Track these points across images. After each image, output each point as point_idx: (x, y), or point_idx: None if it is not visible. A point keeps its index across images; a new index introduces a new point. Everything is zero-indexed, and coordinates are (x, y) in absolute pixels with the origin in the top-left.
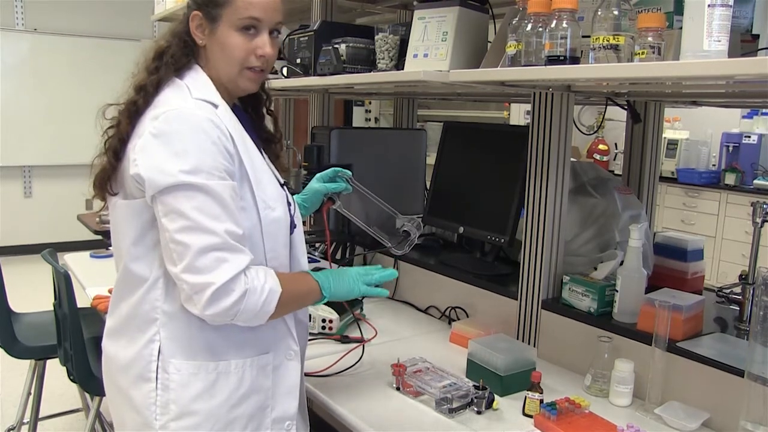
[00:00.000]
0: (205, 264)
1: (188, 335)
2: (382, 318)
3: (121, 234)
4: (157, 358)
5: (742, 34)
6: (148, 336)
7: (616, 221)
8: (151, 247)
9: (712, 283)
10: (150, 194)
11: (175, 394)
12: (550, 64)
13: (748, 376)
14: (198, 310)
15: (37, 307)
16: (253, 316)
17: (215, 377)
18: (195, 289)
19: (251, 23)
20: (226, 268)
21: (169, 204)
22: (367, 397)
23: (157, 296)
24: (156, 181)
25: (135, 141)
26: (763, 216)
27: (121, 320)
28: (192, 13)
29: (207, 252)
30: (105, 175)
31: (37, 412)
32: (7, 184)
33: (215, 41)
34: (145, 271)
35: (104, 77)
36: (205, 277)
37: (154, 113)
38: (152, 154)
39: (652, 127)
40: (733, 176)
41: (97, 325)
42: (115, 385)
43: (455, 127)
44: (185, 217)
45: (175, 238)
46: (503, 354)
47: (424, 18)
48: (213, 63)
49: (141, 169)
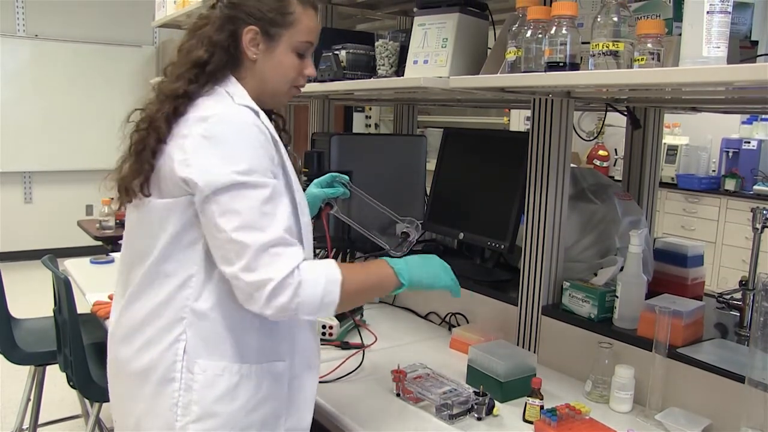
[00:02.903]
0: (263, 261)
1: (215, 335)
2: (383, 324)
3: (151, 234)
4: (182, 358)
5: (741, 41)
6: (174, 335)
7: (616, 227)
8: (186, 246)
9: (712, 288)
10: (204, 194)
11: (198, 395)
12: (549, 70)
13: (749, 382)
14: (258, 307)
15: (37, 313)
16: (315, 308)
17: (237, 380)
18: (255, 287)
19: (307, 47)
20: (284, 264)
21: (225, 203)
22: (368, 403)
23: (187, 295)
24: (211, 182)
25: (177, 142)
26: (763, 222)
27: (137, 322)
28: (246, 28)
29: (265, 249)
30: (137, 177)
31: (37, 418)
32: (7, 190)
33: (270, 58)
34: (177, 270)
35: (105, 83)
36: (263, 274)
37: (201, 115)
38: (205, 155)
39: (651, 132)
40: (732, 182)
41: (98, 331)
42: (130, 388)
43: (455, 133)
44: (242, 216)
45: (232, 237)
46: (503, 360)
47: (424, 24)
48: (260, 77)
49: (194, 169)
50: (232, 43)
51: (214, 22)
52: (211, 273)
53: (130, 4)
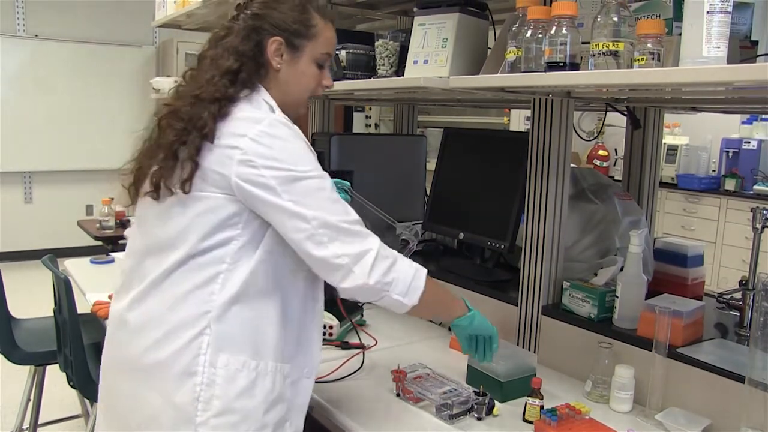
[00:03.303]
0: (356, 236)
1: (239, 330)
2: (383, 324)
3: (179, 227)
4: (205, 352)
5: (741, 41)
6: (198, 329)
7: (616, 227)
8: (220, 243)
9: (712, 288)
10: (274, 190)
11: (220, 390)
12: (549, 70)
13: (749, 382)
14: (362, 279)
15: (37, 313)
16: (405, 287)
17: (255, 376)
18: (356, 258)
19: (326, 58)
20: (373, 238)
21: (299, 194)
22: (368, 403)
23: (213, 289)
24: (281, 176)
25: (230, 141)
26: (763, 221)
27: (156, 313)
28: (271, 38)
29: (353, 225)
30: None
31: (37, 418)
32: (7, 190)
33: (293, 68)
34: (207, 265)
35: (105, 83)
36: (361, 246)
37: (252, 117)
38: (270, 153)
39: (651, 132)
40: (732, 182)
41: (98, 331)
42: (143, 381)
43: (455, 133)
44: (319, 202)
45: (320, 220)
46: (504, 360)
47: (424, 24)
48: (283, 87)
49: (259, 166)
50: (258, 53)
51: (238, 32)
52: (240, 269)
53: (130, 4)
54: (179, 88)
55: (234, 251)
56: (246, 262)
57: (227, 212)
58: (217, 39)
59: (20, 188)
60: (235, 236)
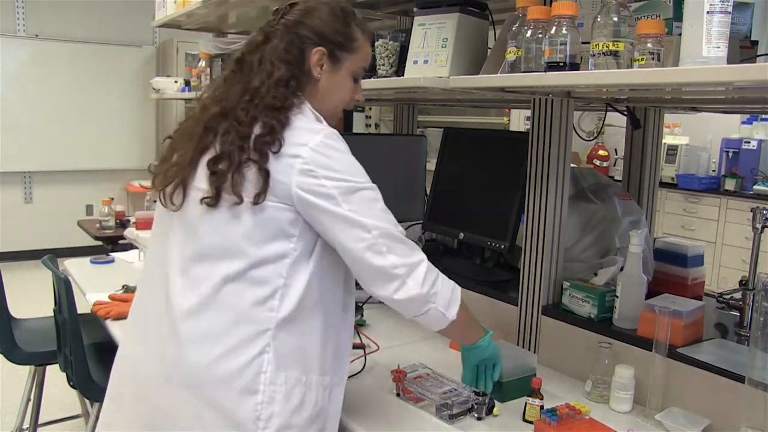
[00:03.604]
0: (409, 247)
1: (294, 346)
2: (383, 324)
3: (240, 239)
4: (266, 370)
5: (741, 41)
6: (259, 346)
7: (616, 227)
8: (278, 255)
9: (712, 288)
10: (335, 200)
11: (279, 407)
12: (549, 70)
13: (749, 382)
14: (416, 289)
15: (37, 313)
16: (447, 300)
17: (305, 391)
18: (411, 268)
19: (362, 73)
20: (419, 250)
21: (359, 203)
22: (368, 403)
23: (273, 306)
24: (343, 186)
25: (292, 151)
26: (763, 221)
27: (213, 330)
28: (314, 48)
29: (404, 237)
30: (242, 183)
31: (37, 418)
32: (7, 190)
33: (333, 80)
34: (266, 279)
35: (105, 83)
36: (415, 256)
37: (310, 127)
38: (330, 164)
39: (651, 132)
40: (732, 182)
41: (98, 331)
42: (202, 399)
43: (455, 133)
44: (376, 213)
45: (382, 230)
46: (504, 360)
47: (424, 24)
48: (320, 97)
49: (321, 177)
50: (302, 61)
51: (281, 38)
52: (296, 285)
53: (130, 4)
54: (216, 92)
55: (289, 265)
56: (300, 277)
57: (284, 222)
58: (257, 44)
59: (20, 188)
60: (290, 249)
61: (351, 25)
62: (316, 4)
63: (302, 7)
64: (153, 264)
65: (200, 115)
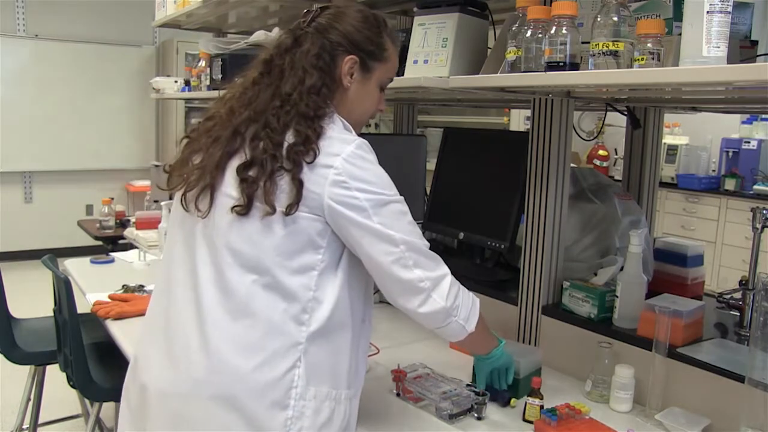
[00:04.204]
0: (435, 258)
1: (323, 360)
2: (383, 324)
3: (270, 249)
4: (297, 385)
5: (741, 41)
6: (291, 361)
7: (616, 227)
8: (307, 266)
9: (712, 288)
10: (366, 212)
11: (309, 422)
12: (549, 70)
13: (749, 381)
14: (441, 303)
15: (37, 313)
16: (467, 313)
17: (334, 405)
18: (436, 283)
19: (388, 83)
20: (443, 264)
21: (388, 216)
22: (368, 403)
23: (303, 320)
24: (374, 199)
25: (326, 161)
26: (762, 221)
27: (243, 342)
28: (347, 56)
29: (429, 250)
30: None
31: (37, 418)
32: (7, 189)
33: (362, 89)
34: (297, 292)
35: (105, 83)
36: (440, 270)
37: (341, 137)
38: (363, 175)
39: (651, 132)
40: (732, 182)
41: (97, 330)
42: (231, 412)
43: (455, 133)
44: (405, 226)
45: (408, 243)
46: (518, 357)
47: (424, 24)
48: (348, 106)
49: (353, 188)
50: (333, 68)
51: (313, 43)
52: (326, 298)
53: (130, 4)
54: (245, 95)
55: (317, 276)
56: (329, 290)
57: (314, 233)
58: (285, 47)
59: (20, 188)
60: (318, 261)
61: (383, 34)
62: (347, 9)
63: (334, 11)
64: (176, 270)
65: (227, 118)
